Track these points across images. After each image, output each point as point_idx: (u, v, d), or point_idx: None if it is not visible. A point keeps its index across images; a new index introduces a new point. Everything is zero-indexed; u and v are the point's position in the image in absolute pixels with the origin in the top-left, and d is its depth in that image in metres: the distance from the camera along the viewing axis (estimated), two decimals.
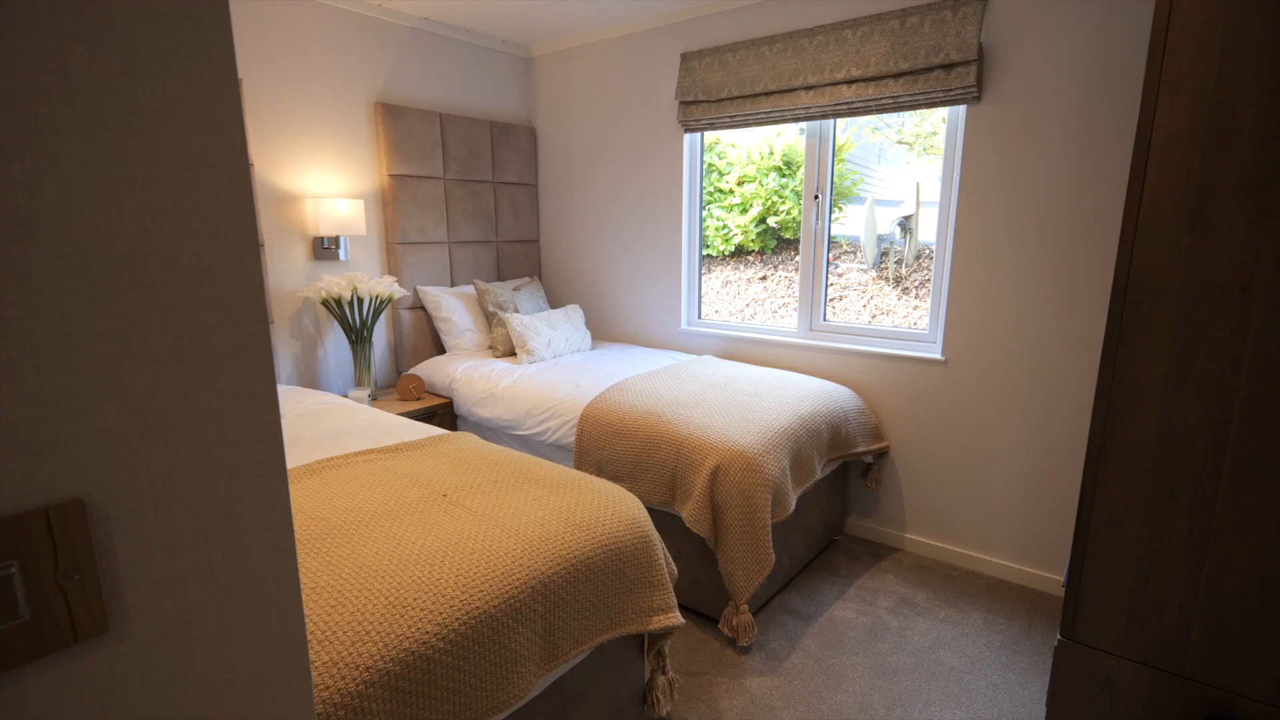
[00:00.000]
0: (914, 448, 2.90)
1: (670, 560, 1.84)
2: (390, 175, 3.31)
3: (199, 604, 0.51)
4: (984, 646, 2.28)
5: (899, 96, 2.64)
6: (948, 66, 2.49)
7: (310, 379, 3.18)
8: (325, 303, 2.95)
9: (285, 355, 3.07)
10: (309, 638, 1.11)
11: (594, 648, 1.54)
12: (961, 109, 2.60)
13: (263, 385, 0.52)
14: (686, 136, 3.41)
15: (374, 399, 3.13)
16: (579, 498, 1.68)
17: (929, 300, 2.86)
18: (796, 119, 2.97)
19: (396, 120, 3.29)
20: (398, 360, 3.51)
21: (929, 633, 2.35)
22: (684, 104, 3.30)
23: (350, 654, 1.09)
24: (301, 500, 1.58)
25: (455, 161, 3.58)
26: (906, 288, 4.15)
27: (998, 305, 2.59)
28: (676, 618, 1.69)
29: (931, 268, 2.84)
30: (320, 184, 3.10)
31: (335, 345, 3.26)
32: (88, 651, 0.46)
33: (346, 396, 2.97)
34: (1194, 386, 1.22)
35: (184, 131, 0.46)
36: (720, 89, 3.12)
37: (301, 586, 1.20)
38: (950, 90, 2.51)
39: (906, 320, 3.96)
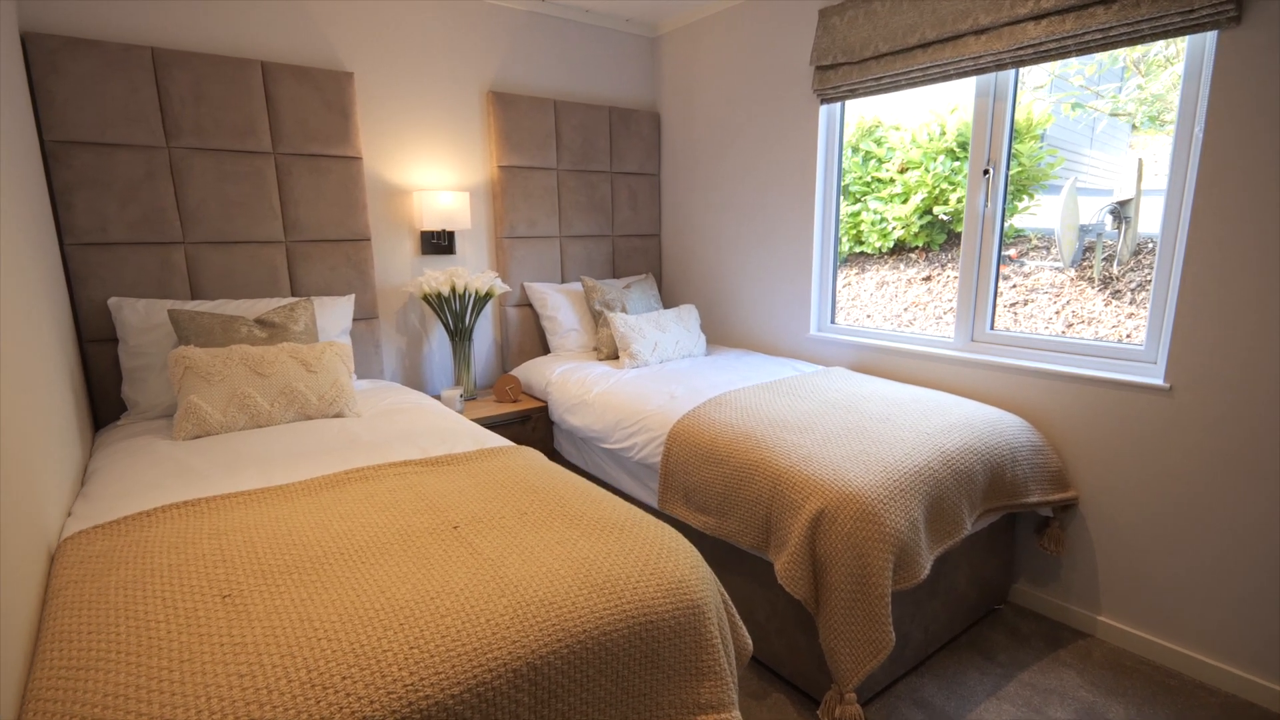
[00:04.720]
0: (1116, 502, 2.16)
1: (741, 635, 1.42)
2: (500, 166, 3.17)
3: None
4: None
5: (1110, 28, 1.95)
6: None
7: (414, 376, 3.12)
8: (426, 298, 2.87)
9: (390, 351, 3.04)
10: (191, 714, 0.86)
11: None
12: (1209, 38, 1.85)
13: None
14: (824, 108, 2.89)
15: (469, 399, 3.00)
16: (614, 547, 1.32)
17: (1148, 308, 2.11)
18: (963, 73, 2.35)
19: (509, 109, 3.14)
20: (503, 359, 3.37)
21: None
22: (820, 69, 2.80)
23: None
24: (297, 519, 1.38)
25: (569, 151, 3.37)
26: (1119, 290, 3.26)
27: (1255, 317, 1.81)
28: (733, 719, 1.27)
29: (1154, 266, 2.09)
30: (428, 177, 3.03)
31: (440, 343, 3.18)
32: None
33: (438, 396, 2.87)
34: None
35: None
36: (865, 46, 2.58)
37: (223, 641, 0.97)
38: (1192, 12, 1.79)
39: (1115, 332, 3.10)
